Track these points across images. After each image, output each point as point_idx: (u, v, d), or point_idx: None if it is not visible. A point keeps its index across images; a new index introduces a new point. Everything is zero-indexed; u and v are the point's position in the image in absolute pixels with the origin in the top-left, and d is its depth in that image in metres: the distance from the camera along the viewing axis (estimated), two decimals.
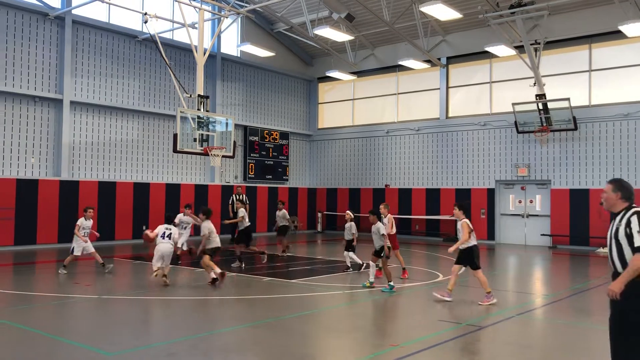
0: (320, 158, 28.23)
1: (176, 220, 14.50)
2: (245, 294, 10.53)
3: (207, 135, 16.04)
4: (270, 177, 26.02)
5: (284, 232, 16.52)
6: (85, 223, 12.82)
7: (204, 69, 16.83)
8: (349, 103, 27.59)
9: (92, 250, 12.87)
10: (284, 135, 26.80)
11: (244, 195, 19.83)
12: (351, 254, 13.19)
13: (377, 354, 6.52)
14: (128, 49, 21.09)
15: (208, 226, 11.31)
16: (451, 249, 9.84)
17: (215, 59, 23.71)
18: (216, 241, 11.35)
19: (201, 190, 22.72)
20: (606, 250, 14.64)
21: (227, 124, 16.88)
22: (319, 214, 27.11)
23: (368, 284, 10.97)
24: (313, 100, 28.59)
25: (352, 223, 13.40)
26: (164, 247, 11.01)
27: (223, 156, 16.44)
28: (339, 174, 27.35)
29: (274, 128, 26.36)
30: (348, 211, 14.17)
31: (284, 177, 26.66)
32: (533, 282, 13.47)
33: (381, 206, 12.20)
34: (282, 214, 16.60)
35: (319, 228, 26.97)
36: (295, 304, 9.47)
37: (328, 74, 25.75)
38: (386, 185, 25.42)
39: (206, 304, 9.69)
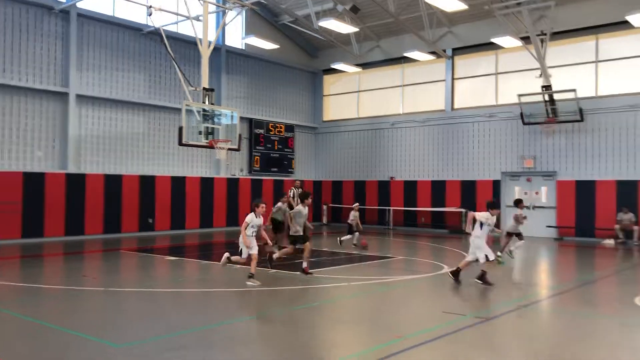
0: (325, 150, 28.21)
1: None
2: (251, 286, 10.57)
3: (213, 128, 16.05)
4: (276, 169, 26.04)
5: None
6: (255, 220, 10.48)
7: (209, 62, 16.81)
8: (354, 95, 27.53)
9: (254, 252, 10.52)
10: (290, 127, 26.79)
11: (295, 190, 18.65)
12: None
13: (381, 346, 6.55)
14: (133, 42, 21.09)
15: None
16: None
17: (220, 51, 23.68)
18: None
19: (207, 183, 22.78)
20: (611, 242, 14.50)
21: (232, 116, 16.89)
22: (324, 207, 27.13)
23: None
24: (318, 93, 28.55)
25: None
26: None
27: (228, 149, 16.46)
28: (344, 166, 27.32)
29: (279, 121, 26.35)
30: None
31: (290, 170, 26.67)
32: (539, 274, 13.46)
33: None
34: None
35: (324, 220, 27.01)
36: (301, 295, 9.50)
37: (333, 66, 25.71)
38: (391, 178, 25.40)
39: (213, 296, 9.74)
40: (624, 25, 18.52)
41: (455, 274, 10.72)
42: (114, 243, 17.58)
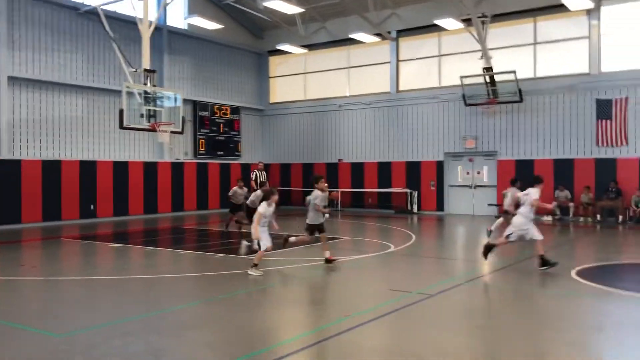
0: (272, 133, 28.03)
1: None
2: (198, 271, 10.45)
3: (155, 111, 15.66)
4: (222, 153, 25.69)
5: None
6: (268, 210, 9.76)
7: (150, 43, 16.33)
8: (300, 77, 27.39)
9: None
10: (235, 110, 26.43)
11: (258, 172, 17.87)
12: None
13: (329, 325, 6.61)
14: (70, 21, 20.21)
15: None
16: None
17: (162, 32, 23.03)
18: None
19: (150, 168, 22.26)
20: (549, 218, 14.96)
21: (175, 99, 16.51)
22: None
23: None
24: (264, 74, 28.24)
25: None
26: None
27: (172, 132, 16.12)
28: (292, 149, 27.25)
29: (224, 103, 25.93)
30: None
31: (236, 153, 26.37)
32: (480, 250, 13.86)
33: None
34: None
35: None
36: (248, 279, 9.46)
37: (278, 47, 25.47)
38: (339, 160, 25.53)
39: (158, 282, 9.56)
40: (560, 8, 19.10)
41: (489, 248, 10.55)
42: (54, 231, 16.98)
